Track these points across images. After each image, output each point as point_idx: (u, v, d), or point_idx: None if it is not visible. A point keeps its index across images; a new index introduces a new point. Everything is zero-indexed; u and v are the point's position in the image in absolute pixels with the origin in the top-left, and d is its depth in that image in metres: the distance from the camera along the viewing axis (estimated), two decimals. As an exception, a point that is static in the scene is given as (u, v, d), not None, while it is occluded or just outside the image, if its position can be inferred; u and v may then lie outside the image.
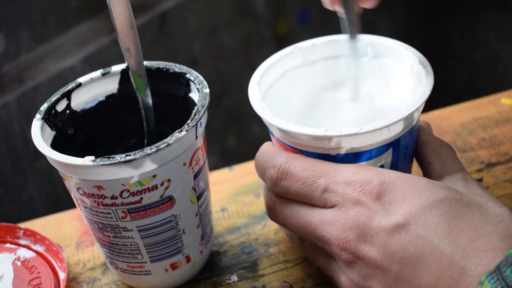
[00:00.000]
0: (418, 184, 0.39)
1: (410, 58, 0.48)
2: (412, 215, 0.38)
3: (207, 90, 0.46)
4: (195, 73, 0.48)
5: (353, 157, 0.43)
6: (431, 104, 0.59)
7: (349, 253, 0.40)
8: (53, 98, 0.48)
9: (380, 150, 0.44)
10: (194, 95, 0.48)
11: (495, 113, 0.62)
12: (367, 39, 0.50)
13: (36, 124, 0.46)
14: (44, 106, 0.47)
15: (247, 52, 1.18)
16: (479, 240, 0.36)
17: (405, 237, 0.38)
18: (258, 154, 0.46)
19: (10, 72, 0.86)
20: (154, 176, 0.43)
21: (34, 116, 0.46)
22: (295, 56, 0.51)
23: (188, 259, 0.49)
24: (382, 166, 0.45)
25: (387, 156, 0.44)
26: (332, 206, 0.41)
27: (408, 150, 0.46)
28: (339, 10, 0.48)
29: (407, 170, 0.48)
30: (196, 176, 0.46)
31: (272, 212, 0.45)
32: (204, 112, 0.44)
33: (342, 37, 0.50)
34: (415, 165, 0.49)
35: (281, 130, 0.44)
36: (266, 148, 0.46)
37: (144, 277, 0.49)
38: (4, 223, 0.54)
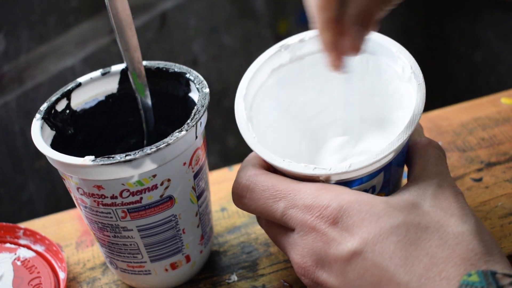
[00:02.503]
0: (376, 209, 0.38)
1: (402, 60, 0.46)
2: (369, 242, 0.37)
3: (207, 90, 0.46)
4: (195, 72, 0.48)
5: (344, 185, 0.42)
6: (431, 104, 0.59)
7: (308, 279, 0.40)
8: (53, 98, 0.48)
9: (371, 176, 0.43)
10: (194, 95, 0.48)
11: (494, 113, 0.62)
12: None
13: (36, 124, 0.46)
14: (44, 106, 0.47)
15: (247, 52, 1.18)
16: (434, 268, 0.35)
17: (361, 265, 0.37)
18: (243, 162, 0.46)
19: (10, 72, 0.86)
20: (154, 176, 0.43)
21: (34, 116, 0.46)
22: (281, 54, 0.49)
23: (188, 258, 0.49)
24: (373, 187, 0.44)
25: (379, 178, 0.43)
26: (292, 229, 0.41)
27: (400, 163, 0.45)
28: None
29: (399, 175, 0.47)
30: (196, 175, 0.46)
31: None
32: (204, 112, 0.44)
33: None
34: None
35: (267, 162, 0.43)
36: (247, 158, 0.45)
37: (144, 277, 0.49)
38: (4, 223, 0.54)
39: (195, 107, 0.44)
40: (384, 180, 0.44)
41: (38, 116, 0.46)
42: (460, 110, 0.64)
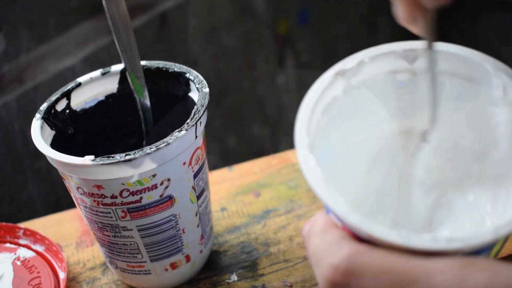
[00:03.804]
0: None
1: (500, 78, 0.36)
2: None
3: (207, 90, 0.46)
4: (195, 72, 0.48)
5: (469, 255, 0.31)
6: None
7: None
8: (53, 98, 0.48)
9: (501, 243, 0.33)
10: (194, 95, 0.48)
11: (495, 113, 0.62)
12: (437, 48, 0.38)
13: (36, 123, 0.46)
14: (44, 106, 0.47)
15: (247, 52, 1.18)
16: None
17: None
18: (310, 231, 0.33)
19: (10, 72, 0.86)
20: (154, 176, 0.43)
21: (34, 116, 0.46)
22: (336, 82, 0.38)
23: (188, 258, 0.49)
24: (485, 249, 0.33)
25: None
26: None
27: None
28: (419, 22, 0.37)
29: None
30: (195, 175, 0.46)
31: None
32: (204, 112, 0.44)
33: (396, 46, 0.39)
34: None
35: (362, 233, 0.31)
36: (319, 222, 0.34)
37: (144, 277, 0.49)
38: (4, 223, 0.54)
39: (195, 107, 0.44)
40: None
41: (38, 116, 0.46)
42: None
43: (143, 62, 0.50)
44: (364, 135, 0.41)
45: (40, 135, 0.45)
